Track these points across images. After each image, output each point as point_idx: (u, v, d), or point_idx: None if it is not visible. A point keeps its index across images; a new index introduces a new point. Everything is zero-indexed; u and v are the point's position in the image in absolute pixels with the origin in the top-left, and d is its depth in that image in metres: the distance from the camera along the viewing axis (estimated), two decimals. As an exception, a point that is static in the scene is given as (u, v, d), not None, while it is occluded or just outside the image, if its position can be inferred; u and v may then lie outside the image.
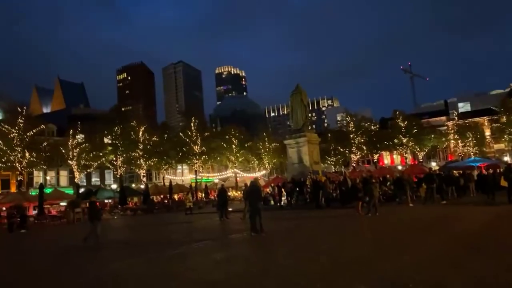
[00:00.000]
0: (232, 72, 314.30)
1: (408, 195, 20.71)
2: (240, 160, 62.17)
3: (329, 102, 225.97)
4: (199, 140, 54.82)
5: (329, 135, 62.01)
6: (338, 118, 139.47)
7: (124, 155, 48.34)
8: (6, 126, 40.49)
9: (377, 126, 65.77)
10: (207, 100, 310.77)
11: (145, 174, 53.21)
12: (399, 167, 55.50)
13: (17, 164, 40.91)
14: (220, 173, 67.61)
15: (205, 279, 7.22)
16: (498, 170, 25.11)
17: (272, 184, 32.44)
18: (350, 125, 60.76)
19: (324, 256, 8.67)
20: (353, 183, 18.27)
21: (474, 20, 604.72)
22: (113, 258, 10.93)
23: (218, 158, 59.27)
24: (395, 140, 58.69)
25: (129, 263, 9.71)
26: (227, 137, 60.86)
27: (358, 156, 61.24)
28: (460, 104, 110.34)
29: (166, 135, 54.52)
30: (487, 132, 60.64)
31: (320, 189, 22.42)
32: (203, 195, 51.79)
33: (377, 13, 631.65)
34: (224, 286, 6.64)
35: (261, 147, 63.59)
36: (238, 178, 59.89)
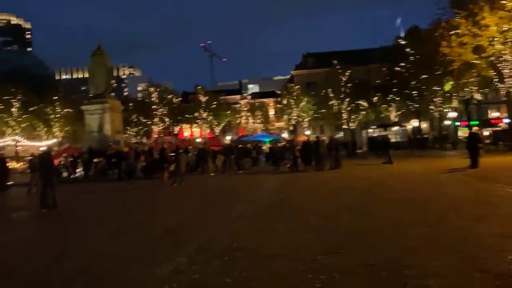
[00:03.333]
0: (13, 22, 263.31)
1: (210, 165, 21.87)
2: (22, 126, 53.28)
3: (130, 70, 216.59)
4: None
5: (130, 104, 59.58)
6: (139, 88, 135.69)
7: None
8: None
9: (180, 99, 67.03)
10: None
11: None
12: (198, 140, 58.24)
13: None
14: (-6, 140, 56.53)
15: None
16: (281, 144, 29.14)
17: (65, 155, 29.00)
18: (153, 96, 59.88)
19: (135, 229, 8.14)
20: (162, 153, 17.97)
21: (272, 13, 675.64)
22: None
23: (-7, 122, 49.25)
24: (196, 114, 61.09)
25: None
26: (5, 97, 51.04)
27: (160, 128, 61.19)
28: (250, 86, 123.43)
29: None
30: (271, 112, 69.79)
31: (122, 159, 21.25)
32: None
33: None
34: (17, 277, 5.37)
35: (51, 112, 55.96)
36: (19, 147, 51.37)
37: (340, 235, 6.47)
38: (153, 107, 59.32)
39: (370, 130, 50.19)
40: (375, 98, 48.61)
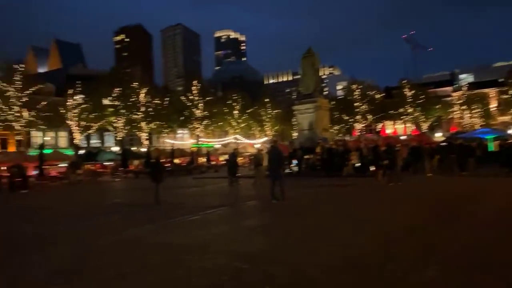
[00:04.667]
0: (231, 36, 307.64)
1: (427, 165, 20.02)
2: (241, 126, 61.36)
3: (330, 70, 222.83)
4: (201, 104, 53.67)
5: (332, 103, 60.97)
6: (339, 87, 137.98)
7: (125, 117, 47.26)
8: (3, 84, 39.13)
9: (382, 94, 64.67)
10: (205, 65, 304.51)
11: (147, 137, 52.27)
12: (402, 137, 54.90)
13: (14, 123, 39.85)
14: (220, 139, 66.86)
15: (241, 251, 6.42)
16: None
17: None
18: (356, 92, 59.61)
19: (369, 226, 7.90)
20: (377, 150, 17.43)
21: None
22: (129, 223, 10.13)
23: (220, 123, 58.32)
24: (400, 110, 57.80)
25: (148, 229, 8.94)
26: (229, 102, 59.79)
27: (362, 125, 60.53)
28: (462, 76, 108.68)
29: (167, 99, 53.24)
30: (492, 104, 59.77)
31: (334, 156, 21.63)
32: (205, 160, 51.27)
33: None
34: (264, 258, 5.84)
35: (263, 113, 62.66)
36: (239, 145, 59.32)
37: None
38: (355, 104, 59.09)
39: None
40: None
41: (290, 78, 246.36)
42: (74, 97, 44.37)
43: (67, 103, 44.00)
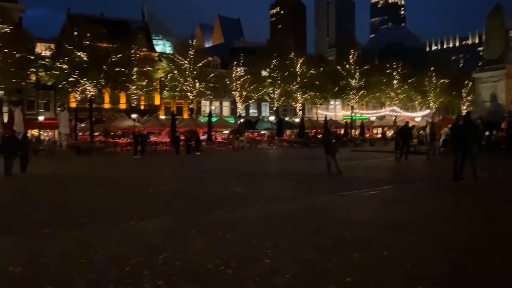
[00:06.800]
0: (390, 1, 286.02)
1: None
2: (401, 97, 56.89)
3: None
4: (357, 74, 51.47)
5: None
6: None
7: (282, 88, 48.60)
8: (179, 58, 44.18)
9: None
10: (358, 33, 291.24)
11: (301, 108, 53.00)
12: None
13: (188, 93, 44.86)
14: (375, 111, 63.46)
15: (446, 239, 5.46)
16: None
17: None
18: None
19: None
20: None
21: None
22: (308, 191, 9.91)
23: (378, 94, 55.10)
24: None
25: (329, 200, 8.56)
26: (387, 71, 55.85)
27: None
28: None
29: (322, 69, 52.57)
30: None
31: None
32: (357, 132, 49.56)
33: None
34: (484, 253, 4.79)
35: (426, 84, 56.77)
36: (397, 117, 55.36)
37: None
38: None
39: None
40: None
41: (457, 44, 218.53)
42: (237, 69, 47.44)
43: (231, 75, 47.38)
